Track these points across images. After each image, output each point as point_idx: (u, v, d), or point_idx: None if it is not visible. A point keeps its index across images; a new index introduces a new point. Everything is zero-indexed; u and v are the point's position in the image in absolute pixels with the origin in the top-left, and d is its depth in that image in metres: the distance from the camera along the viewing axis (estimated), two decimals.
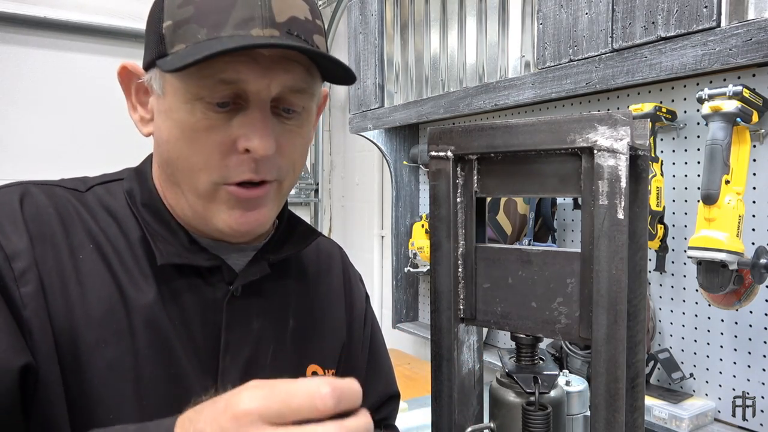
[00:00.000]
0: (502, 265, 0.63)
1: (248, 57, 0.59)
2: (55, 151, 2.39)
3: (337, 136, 2.99)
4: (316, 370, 0.76)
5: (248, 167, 0.63)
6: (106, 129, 2.40)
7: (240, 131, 0.61)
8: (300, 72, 0.63)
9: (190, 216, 0.68)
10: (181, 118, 0.62)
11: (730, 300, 1.12)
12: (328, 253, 0.87)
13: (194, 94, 0.60)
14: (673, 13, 1.08)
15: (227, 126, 0.62)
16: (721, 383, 1.25)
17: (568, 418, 1.02)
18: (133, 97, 0.68)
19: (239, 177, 0.63)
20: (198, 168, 0.63)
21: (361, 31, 2.08)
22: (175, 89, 0.62)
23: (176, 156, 0.63)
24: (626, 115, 0.52)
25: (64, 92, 2.41)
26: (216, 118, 0.61)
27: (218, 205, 0.65)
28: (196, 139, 0.62)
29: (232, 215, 0.65)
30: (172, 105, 0.62)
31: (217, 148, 0.62)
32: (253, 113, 0.61)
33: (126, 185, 0.71)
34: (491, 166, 0.63)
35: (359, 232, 2.78)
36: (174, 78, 0.61)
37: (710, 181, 1.07)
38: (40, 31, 2.36)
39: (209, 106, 0.61)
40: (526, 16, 1.55)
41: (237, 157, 0.62)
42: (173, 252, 0.66)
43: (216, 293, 0.68)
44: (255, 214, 0.66)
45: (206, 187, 0.63)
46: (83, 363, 0.60)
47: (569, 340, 0.97)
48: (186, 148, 0.62)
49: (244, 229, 0.66)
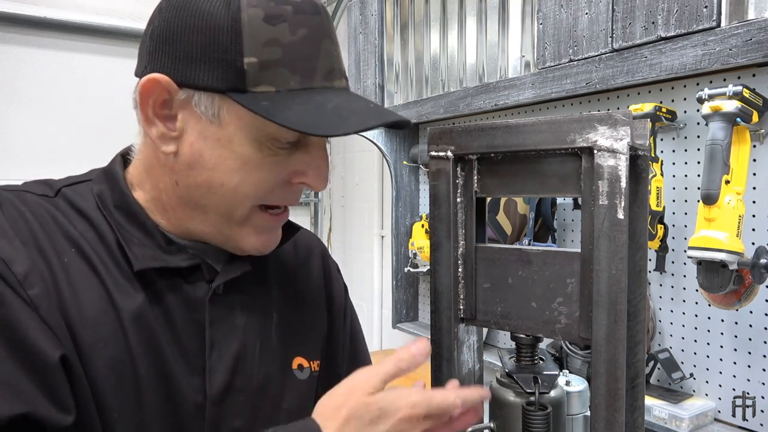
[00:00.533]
0: (502, 265, 0.63)
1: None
2: (55, 151, 2.39)
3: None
4: (302, 363, 0.76)
5: (295, 197, 0.68)
6: (106, 129, 2.39)
7: (300, 167, 0.65)
8: None
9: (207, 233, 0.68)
10: (246, 153, 0.62)
11: (730, 300, 1.12)
12: (306, 245, 0.87)
13: (269, 135, 0.62)
14: (673, 13, 1.08)
15: (288, 161, 0.64)
16: (721, 383, 1.25)
17: (568, 418, 1.02)
18: (150, 110, 0.63)
19: (283, 203, 0.68)
20: (245, 196, 0.64)
21: (361, 31, 2.08)
22: (244, 124, 0.61)
23: (221, 183, 0.63)
24: (626, 115, 0.52)
25: (64, 92, 2.41)
26: (282, 154, 0.63)
27: (248, 229, 0.67)
28: (257, 173, 0.63)
29: (260, 239, 0.68)
30: (234, 138, 0.62)
31: (275, 180, 0.64)
32: (316, 153, 0.65)
33: (95, 188, 0.69)
34: (491, 166, 0.63)
35: (359, 232, 2.78)
36: (247, 115, 0.60)
37: (710, 181, 1.07)
38: (40, 31, 2.36)
39: (278, 144, 0.63)
40: (526, 16, 1.55)
41: (289, 187, 0.66)
42: (149, 255, 0.65)
43: (197, 292, 0.68)
44: (276, 236, 0.71)
45: (244, 212, 0.65)
46: (85, 363, 0.60)
47: (569, 340, 0.97)
48: (241, 178, 0.63)
49: (268, 250, 0.70)
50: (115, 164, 0.71)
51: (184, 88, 0.61)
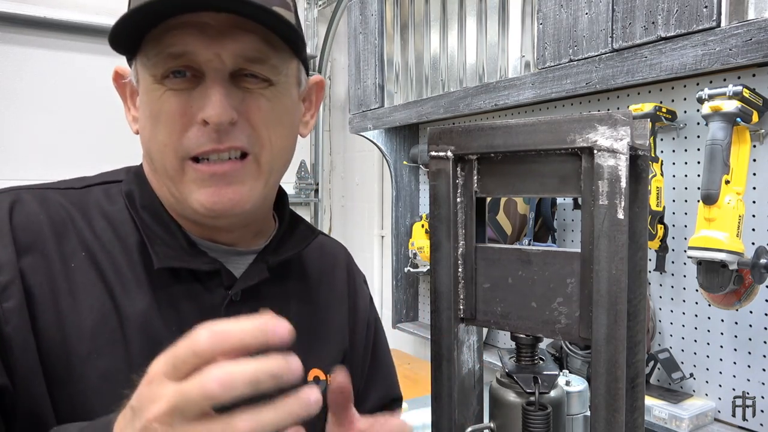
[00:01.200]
0: (502, 265, 0.63)
1: (195, 29, 0.59)
2: (56, 151, 2.39)
3: (337, 136, 2.99)
4: (318, 375, 0.75)
5: (209, 137, 0.61)
6: (106, 129, 2.39)
7: (197, 102, 0.61)
8: (253, 41, 0.61)
9: (170, 202, 0.67)
10: (150, 102, 0.63)
11: (730, 300, 1.12)
12: (332, 254, 0.86)
13: (154, 73, 0.61)
14: (673, 13, 1.08)
15: (188, 98, 0.62)
16: (721, 383, 1.25)
17: (568, 418, 1.02)
18: (128, 100, 0.70)
19: (201, 148, 0.62)
20: (164, 144, 0.62)
21: (361, 31, 2.08)
22: (143, 75, 0.63)
23: (148, 138, 0.64)
24: (626, 115, 0.52)
25: (64, 92, 2.41)
26: (178, 95, 0.61)
27: (188, 185, 0.63)
28: (161, 118, 0.62)
29: (203, 193, 0.63)
30: (143, 93, 0.64)
31: (179, 122, 0.62)
32: (208, 84, 0.61)
33: (125, 188, 0.70)
34: (491, 166, 0.63)
35: (359, 232, 2.78)
36: (140, 64, 0.63)
37: (710, 181, 1.07)
38: (40, 31, 2.36)
39: (169, 81, 0.61)
40: (526, 16, 1.55)
41: (198, 128, 0.61)
42: (171, 255, 0.65)
43: (214, 298, 0.67)
44: (230, 192, 0.63)
45: (173, 164, 0.63)
46: (76, 375, 0.59)
47: (569, 340, 0.97)
48: (154, 128, 0.63)
49: (219, 207, 0.63)
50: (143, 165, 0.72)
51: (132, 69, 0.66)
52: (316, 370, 0.75)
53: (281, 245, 0.74)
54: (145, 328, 0.63)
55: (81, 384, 0.59)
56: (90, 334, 0.60)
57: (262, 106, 0.64)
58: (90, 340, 0.60)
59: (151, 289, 0.64)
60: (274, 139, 0.66)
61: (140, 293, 0.64)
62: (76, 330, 0.60)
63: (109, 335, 0.61)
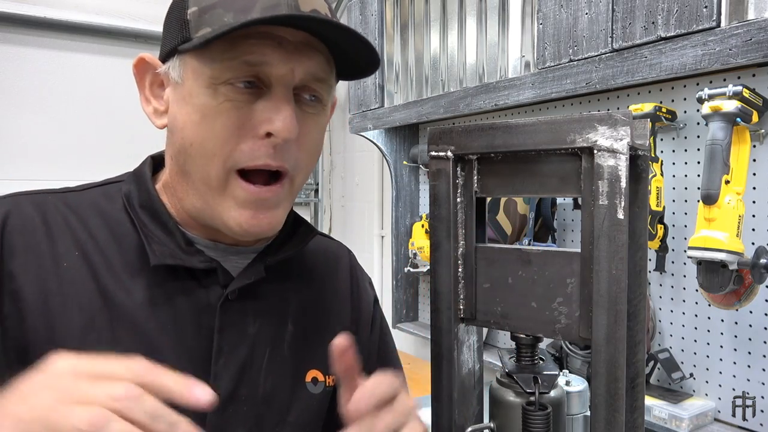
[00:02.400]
0: (502, 265, 0.63)
1: (274, 41, 0.59)
2: (56, 151, 2.39)
3: (337, 136, 2.99)
4: (317, 376, 0.74)
5: (266, 152, 0.61)
6: (106, 129, 2.39)
7: (263, 115, 0.60)
8: (321, 61, 0.63)
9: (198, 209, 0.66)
10: (202, 102, 0.61)
11: (730, 300, 1.12)
12: (335, 255, 0.85)
13: (217, 77, 0.60)
14: (673, 13, 1.08)
15: (249, 109, 0.61)
16: (721, 383, 1.25)
17: (568, 418, 1.02)
18: (147, 90, 0.68)
19: (254, 162, 0.61)
20: (212, 153, 0.61)
21: (361, 31, 2.08)
22: (197, 74, 0.61)
23: (190, 141, 0.62)
24: (626, 115, 0.52)
25: (64, 92, 2.41)
26: (239, 100, 0.60)
27: (228, 200, 0.63)
28: (215, 122, 0.60)
29: (243, 214, 0.63)
30: (192, 90, 0.61)
31: (236, 131, 0.60)
32: (277, 97, 0.60)
33: (124, 188, 0.70)
34: (491, 166, 0.63)
35: (359, 232, 2.78)
36: (196, 62, 0.61)
37: (710, 181, 1.07)
38: (40, 31, 2.36)
39: (232, 88, 0.60)
40: (526, 16, 1.55)
41: (255, 141, 0.61)
42: (167, 253, 0.65)
43: (210, 297, 0.67)
44: (268, 217, 0.64)
45: (218, 174, 0.61)
46: None
47: (569, 340, 0.97)
48: (203, 131, 0.61)
49: (255, 230, 0.64)
50: (144, 165, 0.72)
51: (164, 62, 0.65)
52: (314, 371, 0.74)
53: (282, 246, 0.74)
54: (138, 326, 0.63)
55: None
56: (79, 333, 0.61)
57: (311, 130, 0.65)
58: (78, 340, 0.60)
59: (146, 288, 0.64)
60: (312, 163, 0.67)
61: (134, 291, 0.64)
62: (64, 330, 0.60)
63: (98, 334, 0.61)
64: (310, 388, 0.73)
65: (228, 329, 0.67)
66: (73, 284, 0.62)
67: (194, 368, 0.64)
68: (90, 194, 0.70)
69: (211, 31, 0.58)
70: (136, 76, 0.68)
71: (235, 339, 0.67)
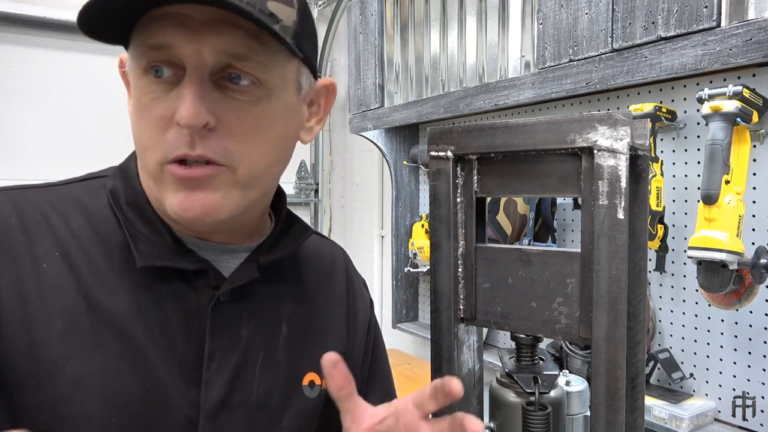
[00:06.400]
0: (502, 265, 0.63)
1: (176, 21, 0.55)
2: (55, 151, 2.39)
3: (337, 136, 2.99)
4: (314, 379, 0.72)
5: (183, 141, 0.57)
6: (106, 129, 2.40)
7: (176, 103, 0.56)
8: (238, 36, 0.56)
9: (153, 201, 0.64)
10: (135, 96, 0.60)
11: (730, 300, 1.12)
12: (330, 257, 0.83)
13: (137, 68, 0.58)
14: (673, 13, 1.08)
15: (168, 99, 0.57)
16: (721, 383, 1.25)
17: (568, 418, 1.02)
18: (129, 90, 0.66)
19: (176, 152, 0.57)
20: (146, 147, 0.59)
21: (361, 31, 2.08)
22: (131, 69, 0.60)
23: (134, 137, 0.61)
24: (626, 115, 0.52)
25: (64, 92, 2.41)
26: (158, 90, 0.57)
27: (166, 187, 0.60)
28: (143, 115, 0.59)
29: (176, 197, 0.59)
30: (132, 87, 0.61)
31: (159, 122, 0.58)
32: (185, 82, 0.56)
33: (109, 184, 0.66)
34: (491, 166, 0.63)
35: (359, 232, 2.78)
36: (129, 58, 0.60)
37: (710, 181, 1.07)
38: (40, 31, 2.36)
39: (154, 79, 0.57)
40: (526, 16, 1.55)
41: (175, 130, 0.57)
42: (155, 254, 0.62)
43: (201, 299, 0.64)
44: (201, 198, 0.59)
45: (154, 167, 0.59)
46: (44, 380, 0.56)
47: (569, 340, 0.97)
48: (137, 126, 0.60)
49: (190, 214, 0.59)
50: (130, 160, 0.68)
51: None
52: (312, 374, 0.72)
53: (275, 245, 0.71)
54: (123, 330, 0.60)
55: (50, 390, 0.57)
56: (59, 337, 0.57)
57: (244, 116, 0.59)
58: (59, 344, 0.57)
59: (132, 290, 0.61)
60: (256, 153, 0.61)
61: (119, 294, 0.61)
62: (45, 334, 0.57)
63: (81, 339, 0.58)
64: (307, 392, 0.71)
65: (220, 333, 0.64)
66: (53, 287, 0.59)
67: (184, 374, 0.62)
68: (71, 190, 0.66)
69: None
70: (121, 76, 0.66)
71: (228, 343, 0.65)
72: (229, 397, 0.64)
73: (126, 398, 0.59)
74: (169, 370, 0.61)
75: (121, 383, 0.59)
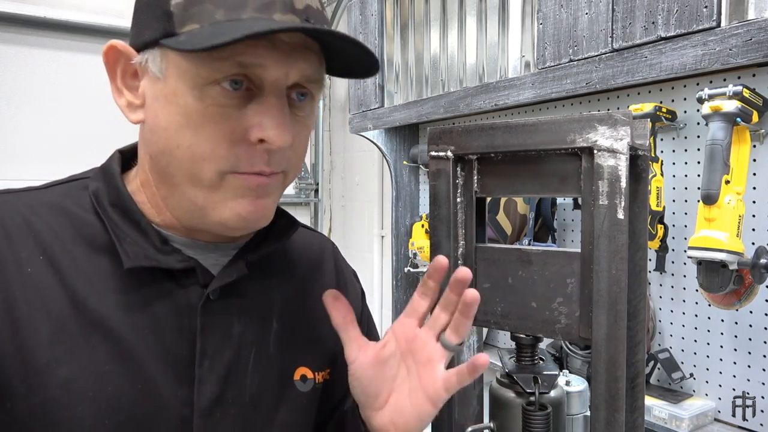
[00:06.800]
0: (502, 265, 0.63)
1: (269, 43, 0.56)
2: (55, 151, 2.39)
3: (337, 136, 2.99)
4: (305, 373, 0.72)
5: (261, 159, 0.59)
6: (106, 129, 2.39)
7: (254, 120, 0.58)
8: (315, 61, 0.60)
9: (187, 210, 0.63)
10: (188, 104, 0.57)
11: (730, 300, 1.12)
12: (318, 249, 0.82)
13: (206, 78, 0.56)
14: (673, 13, 1.08)
15: (240, 114, 0.58)
16: (721, 383, 1.25)
17: (568, 418, 1.02)
18: (119, 80, 0.63)
19: (250, 168, 0.59)
20: (201, 157, 0.58)
21: (361, 31, 2.08)
22: (182, 72, 0.57)
23: (177, 144, 0.58)
24: (626, 115, 0.52)
25: (64, 92, 2.41)
26: (228, 104, 0.57)
27: (224, 194, 0.60)
28: (203, 127, 0.57)
29: (240, 203, 0.60)
30: (176, 89, 0.57)
31: (228, 136, 0.58)
32: (270, 101, 0.58)
33: (92, 185, 0.65)
34: (491, 166, 0.63)
35: (359, 232, 2.78)
36: (182, 60, 0.57)
37: (710, 181, 1.07)
38: (40, 31, 2.36)
39: (221, 90, 0.56)
40: (526, 16, 1.55)
41: (248, 147, 0.58)
42: (142, 254, 0.61)
43: (190, 297, 0.64)
44: (263, 203, 0.62)
45: (211, 176, 0.59)
46: (35, 386, 0.56)
47: (569, 340, 0.97)
48: (190, 135, 0.57)
49: (253, 217, 0.61)
50: (112, 161, 0.68)
51: (140, 52, 0.60)
52: (303, 368, 0.72)
53: (262, 241, 0.71)
54: (113, 332, 0.59)
55: (41, 395, 0.56)
56: (48, 341, 0.57)
57: (303, 131, 0.63)
58: (48, 348, 0.57)
59: (120, 291, 0.61)
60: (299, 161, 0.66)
61: (107, 296, 0.60)
62: (33, 339, 0.57)
63: (70, 342, 0.58)
64: (299, 387, 0.71)
65: (211, 330, 0.64)
66: (39, 291, 0.58)
67: (176, 373, 0.62)
68: (52, 193, 0.66)
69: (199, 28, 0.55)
70: (107, 65, 0.62)
71: (219, 340, 0.65)
72: (223, 395, 0.64)
73: (118, 400, 0.59)
74: (161, 370, 0.61)
75: (113, 385, 0.59)
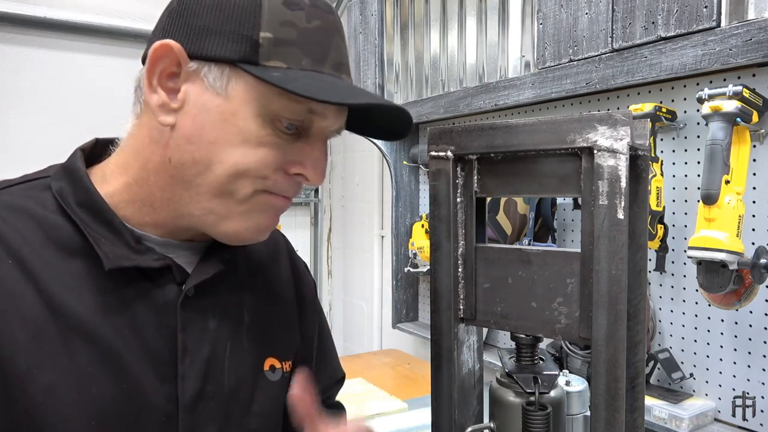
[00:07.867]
0: (502, 265, 0.63)
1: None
2: (55, 151, 2.38)
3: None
4: (273, 363, 0.75)
5: (292, 188, 0.66)
6: (106, 129, 2.39)
7: (299, 157, 0.64)
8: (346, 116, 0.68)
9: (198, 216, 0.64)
10: (248, 129, 0.61)
11: (730, 300, 1.12)
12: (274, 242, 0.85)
13: (274, 112, 0.61)
14: (673, 13, 1.08)
15: (289, 147, 0.63)
16: (721, 383, 1.25)
17: (568, 418, 1.02)
18: (156, 78, 0.62)
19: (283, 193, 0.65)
20: (244, 176, 0.62)
21: (361, 31, 2.08)
22: (251, 99, 0.60)
23: (219, 160, 0.61)
24: (626, 115, 0.52)
25: (64, 92, 2.41)
26: (283, 137, 0.62)
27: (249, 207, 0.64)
28: (256, 151, 0.61)
29: (263, 217, 0.66)
30: (239, 112, 0.60)
31: (273, 164, 0.63)
32: (317, 145, 0.65)
33: (55, 185, 0.65)
34: (491, 166, 0.63)
35: (359, 232, 2.78)
36: (257, 89, 0.60)
37: (710, 181, 1.07)
38: (40, 31, 2.36)
39: (280, 125, 0.61)
40: (526, 16, 1.55)
41: (286, 176, 0.64)
42: (120, 254, 0.61)
43: (167, 295, 0.65)
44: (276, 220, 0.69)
45: (246, 193, 0.63)
46: (16, 393, 0.56)
47: (569, 340, 0.97)
48: (240, 156, 0.61)
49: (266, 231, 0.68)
50: (75, 159, 0.68)
51: (195, 59, 0.61)
52: (271, 358, 0.75)
53: None
54: (92, 334, 0.60)
55: (24, 402, 0.56)
56: (26, 348, 0.57)
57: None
58: (27, 355, 0.57)
59: (97, 292, 0.61)
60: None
61: (84, 298, 0.60)
62: (10, 346, 0.56)
63: (49, 347, 0.58)
64: (269, 376, 0.74)
65: (190, 327, 0.65)
66: (11, 296, 0.58)
67: (158, 370, 0.63)
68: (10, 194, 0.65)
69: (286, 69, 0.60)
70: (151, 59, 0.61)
71: (198, 336, 0.66)
72: (204, 389, 0.66)
73: (103, 401, 0.59)
74: (143, 368, 0.62)
75: (97, 387, 0.59)
